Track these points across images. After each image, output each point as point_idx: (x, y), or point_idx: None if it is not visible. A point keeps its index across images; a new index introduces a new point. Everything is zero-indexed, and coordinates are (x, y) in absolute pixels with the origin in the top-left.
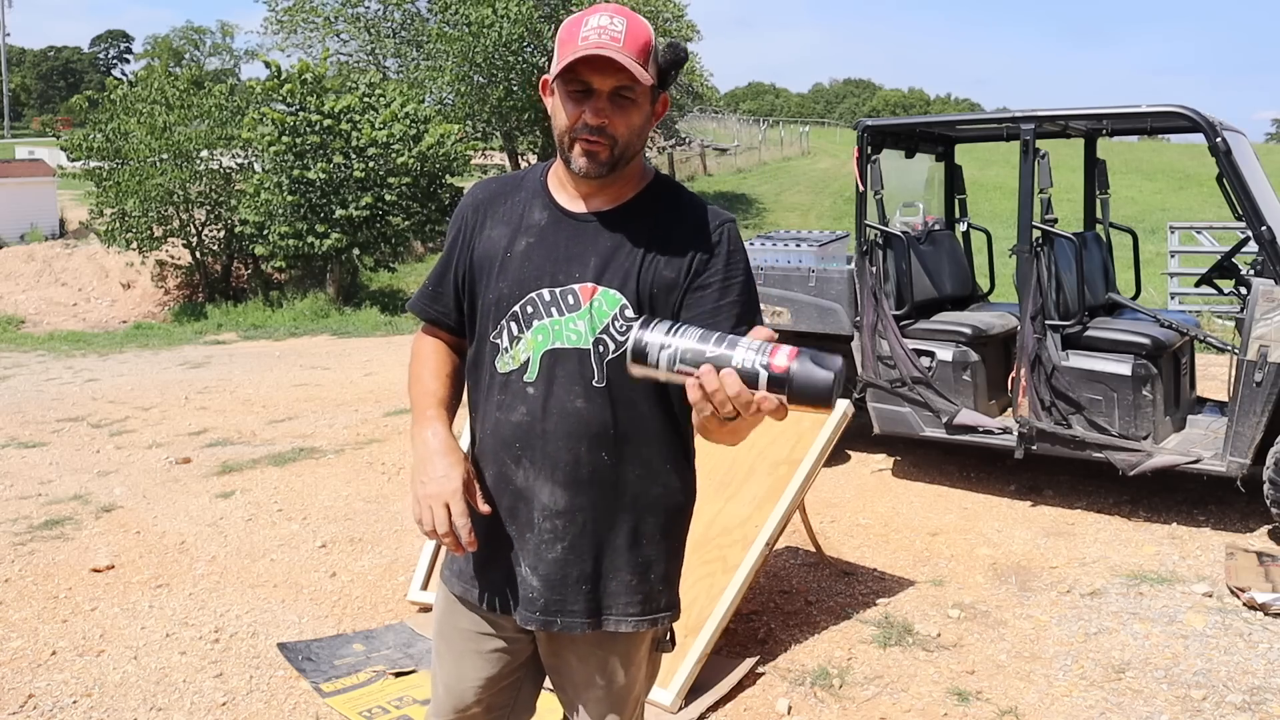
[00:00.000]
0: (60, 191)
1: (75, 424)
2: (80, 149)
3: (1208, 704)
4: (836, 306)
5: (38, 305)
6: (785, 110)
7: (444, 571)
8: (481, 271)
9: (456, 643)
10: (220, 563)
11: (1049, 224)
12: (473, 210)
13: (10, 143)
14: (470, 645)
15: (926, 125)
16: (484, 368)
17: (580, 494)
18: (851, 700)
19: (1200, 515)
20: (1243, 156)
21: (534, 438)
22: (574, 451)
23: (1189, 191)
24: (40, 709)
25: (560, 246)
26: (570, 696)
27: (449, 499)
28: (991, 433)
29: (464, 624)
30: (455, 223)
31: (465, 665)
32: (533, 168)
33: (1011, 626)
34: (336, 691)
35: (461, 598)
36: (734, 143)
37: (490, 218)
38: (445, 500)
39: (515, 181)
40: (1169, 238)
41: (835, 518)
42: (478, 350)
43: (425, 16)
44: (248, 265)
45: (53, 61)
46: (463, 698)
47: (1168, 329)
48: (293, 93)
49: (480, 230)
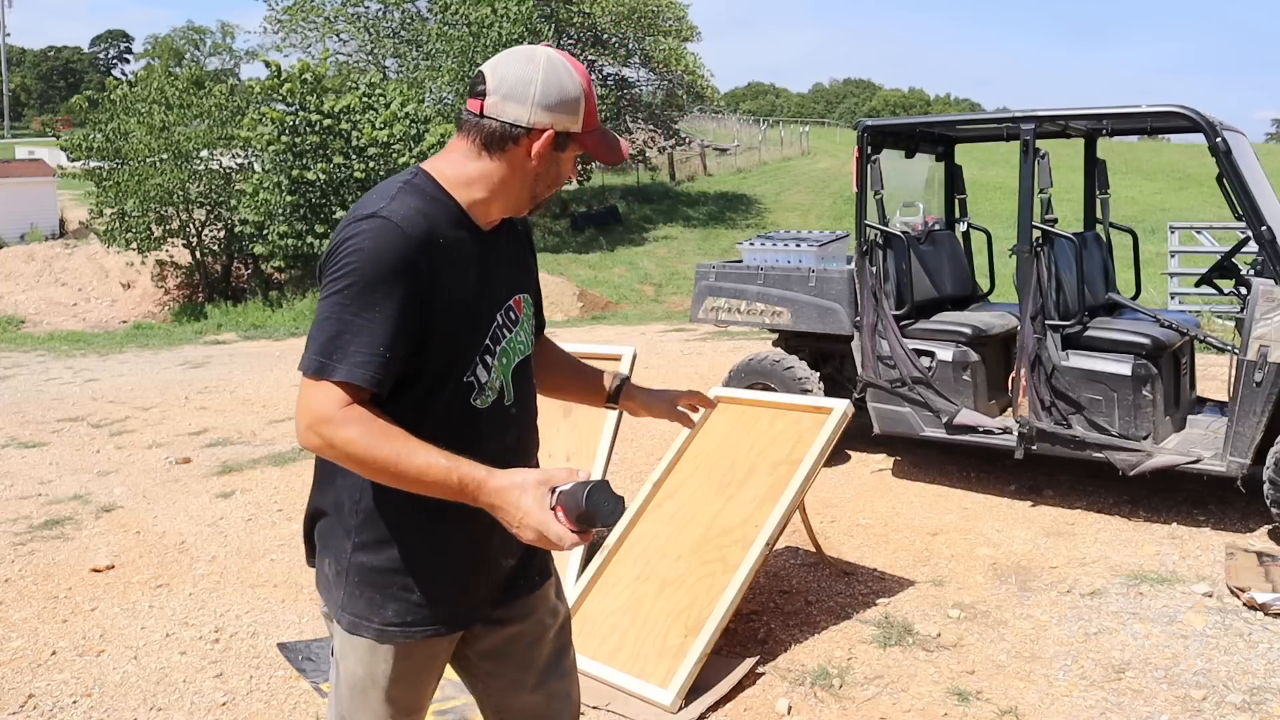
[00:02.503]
0: (60, 191)
1: (75, 424)
2: (80, 149)
3: (1208, 704)
4: (836, 306)
5: (38, 305)
6: (785, 110)
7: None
8: (457, 314)
9: (421, 688)
10: (220, 563)
11: (1049, 224)
12: (420, 254)
13: (10, 143)
14: (428, 676)
15: (926, 125)
16: (452, 411)
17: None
18: (851, 700)
19: (1200, 515)
20: (1243, 156)
21: (522, 452)
22: (536, 443)
23: (1189, 191)
24: (40, 709)
25: (492, 266)
26: (520, 661)
27: (545, 523)
28: (991, 433)
29: (431, 664)
30: (397, 274)
31: (421, 699)
32: (415, 187)
33: (1011, 626)
34: None
35: (434, 636)
36: (734, 143)
37: (437, 259)
38: (542, 525)
39: (427, 210)
40: (1169, 238)
41: (835, 518)
42: (433, 395)
43: (425, 16)
44: (248, 265)
45: (53, 61)
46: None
47: (1168, 329)
48: (292, 92)
49: (431, 276)
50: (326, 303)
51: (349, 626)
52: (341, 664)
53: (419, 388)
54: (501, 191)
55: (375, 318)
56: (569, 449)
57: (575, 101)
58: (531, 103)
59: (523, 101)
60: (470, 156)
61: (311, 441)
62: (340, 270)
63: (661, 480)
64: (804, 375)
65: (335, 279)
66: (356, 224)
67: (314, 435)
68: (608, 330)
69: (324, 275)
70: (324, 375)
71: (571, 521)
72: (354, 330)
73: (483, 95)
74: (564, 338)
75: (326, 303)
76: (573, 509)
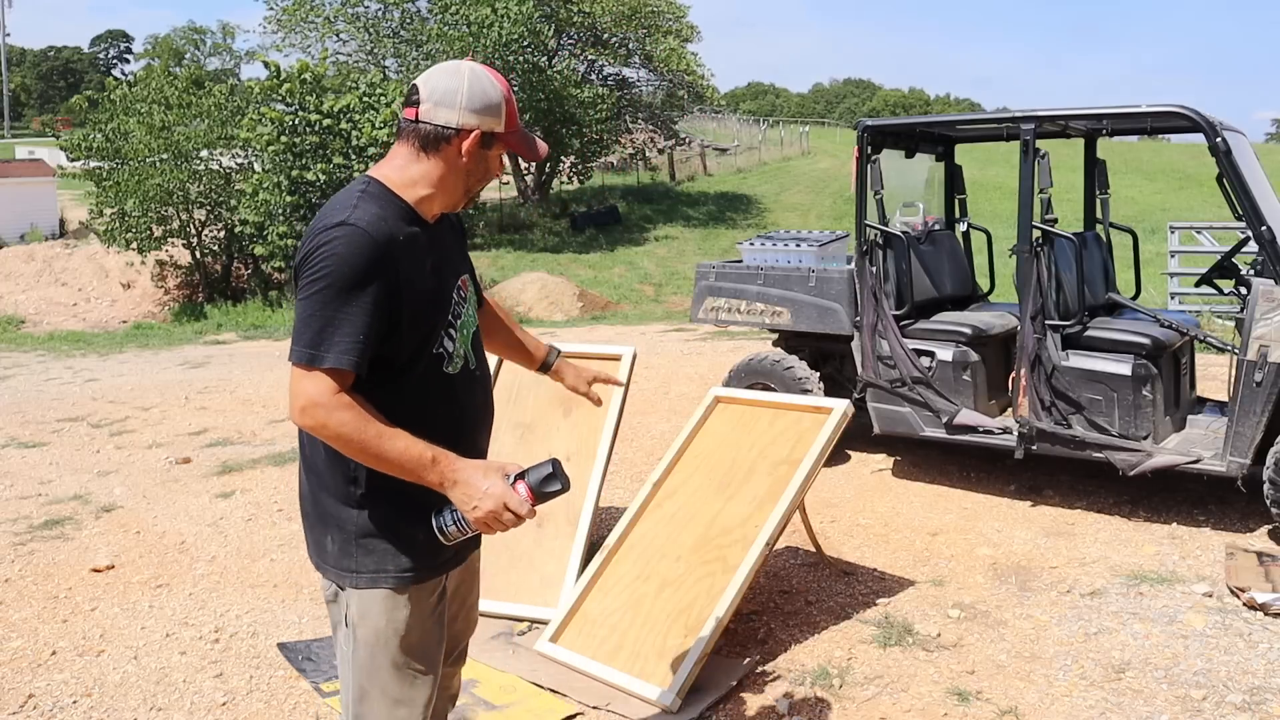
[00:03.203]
0: (60, 191)
1: (75, 424)
2: (80, 149)
3: (1208, 704)
4: (836, 306)
5: (38, 305)
6: (785, 110)
7: (404, 577)
8: (421, 301)
9: (437, 631)
10: (220, 563)
11: (1049, 224)
12: (386, 255)
13: (10, 143)
14: (440, 621)
15: (926, 125)
16: (429, 379)
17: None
18: (851, 700)
19: (1200, 515)
20: (1243, 156)
21: (487, 411)
22: (493, 404)
23: (1189, 191)
24: (40, 709)
25: (440, 254)
26: (458, 608)
27: (504, 499)
28: (991, 433)
29: (435, 606)
30: (369, 274)
31: (435, 644)
32: (370, 194)
33: (1011, 626)
34: (336, 691)
35: (434, 578)
36: (734, 143)
37: (399, 257)
38: (505, 496)
39: (385, 213)
40: (1169, 238)
41: (835, 518)
42: (408, 369)
43: (425, 16)
44: (247, 265)
45: (53, 61)
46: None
47: (1168, 329)
48: (292, 93)
49: (397, 272)
50: (307, 302)
51: (368, 583)
52: (361, 627)
53: (400, 363)
54: (441, 188)
55: (353, 311)
56: (569, 449)
57: (497, 106)
58: (459, 107)
59: (451, 107)
60: (411, 160)
61: (307, 423)
62: (318, 273)
63: (661, 480)
64: (804, 375)
65: (314, 280)
66: (328, 232)
67: (309, 418)
68: (608, 330)
69: (300, 278)
70: (315, 365)
71: (531, 495)
72: (335, 324)
73: (417, 104)
74: (564, 337)
75: (307, 302)
76: (535, 484)
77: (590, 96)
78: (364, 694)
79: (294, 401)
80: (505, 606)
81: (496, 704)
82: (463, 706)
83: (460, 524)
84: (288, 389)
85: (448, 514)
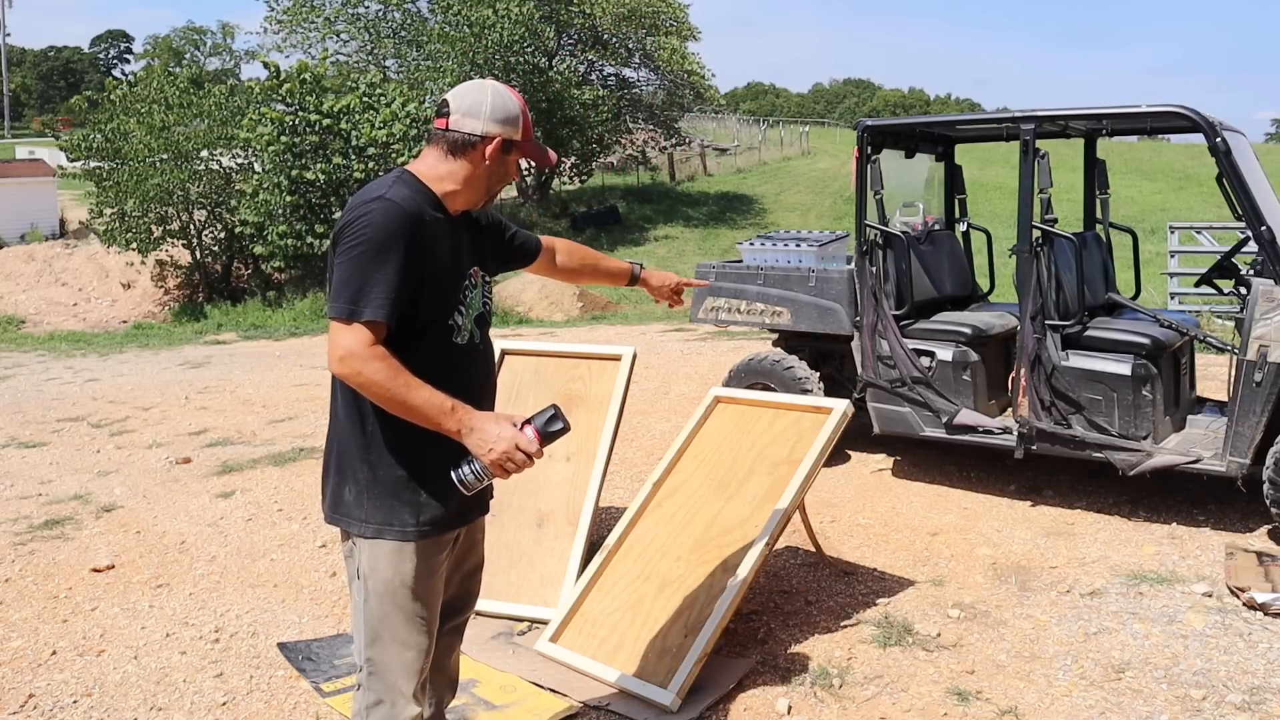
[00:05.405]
0: (60, 191)
1: (75, 424)
2: (80, 149)
3: (1208, 704)
4: (836, 306)
5: (38, 305)
6: (785, 110)
7: (407, 532)
8: (439, 274)
9: (436, 586)
10: (220, 563)
11: (1049, 224)
12: (415, 226)
13: (10, 143)
14: (441, 576)
15: (926, 125)
16: (439, 345)
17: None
18: (851, 700)
19: (1200, 515)
20: (1243, 156)
21: (490, 380)
22: (495, 377)
23: (1189, 191)
24: (40, 709)
25: (457, 243)
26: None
27: (515, 440)
28: (991, 433)
29: (441, 562)
30: (400, 239)
31: (437, 598)
32: (404, 180)
33: (1011, 626)
34: (336, 691)
35: (443, 534)
36: (734, 143)
37: (425, 232)
38: (516, 438)
39: (415, 197)
40: (1169, 238)
41: (835, 518)
42: (422, 334)
43: (425, 17)
44: (248, 265)
45: (53, 61)
46: (433, 631)
47: (1168, 329)
48: (292, 93)
49: (422, 243)
50: (346, 264)
51: (375, 533)
52: (370, 578)
53: (417, 328)
54: (466, 185)
55: (387, 271)
56: (569, 449)
57: (516, 118)
58: (484, 117)
59: (477, 117)
60: (440, 160)
61: (343, 371)
62: (357, 238)
63: (661, 480)
64: (804, 375)
65: (352, 245)
66: (366, 204)
67: (345, 367)
68: (608, 330)
69: (339, 244)
70: (353, 319)
71: (539, 436)
72: (372, 282)
73: (447, 115)
74: (564, 338)
75: (346, 264)
76: (541, 426)
77: (591, 98)
78: (376, 637)
79: (333, 352)
80: (505, 606)
81: (496, 704)
82: (463, 706)
83: (478, 472)
84: (327, 341)
85: (465, 466)
